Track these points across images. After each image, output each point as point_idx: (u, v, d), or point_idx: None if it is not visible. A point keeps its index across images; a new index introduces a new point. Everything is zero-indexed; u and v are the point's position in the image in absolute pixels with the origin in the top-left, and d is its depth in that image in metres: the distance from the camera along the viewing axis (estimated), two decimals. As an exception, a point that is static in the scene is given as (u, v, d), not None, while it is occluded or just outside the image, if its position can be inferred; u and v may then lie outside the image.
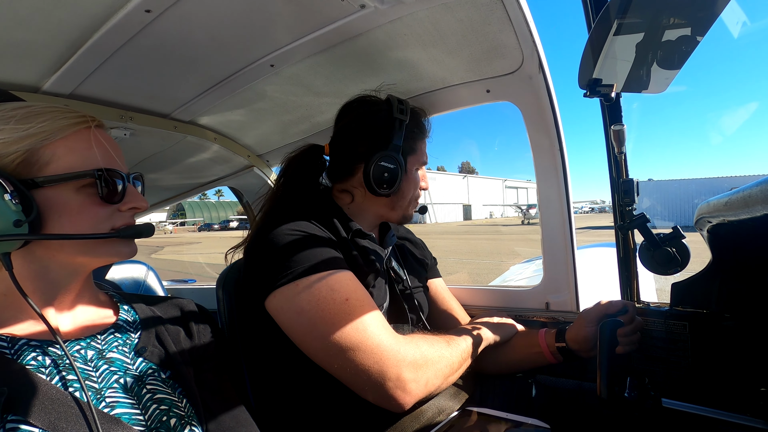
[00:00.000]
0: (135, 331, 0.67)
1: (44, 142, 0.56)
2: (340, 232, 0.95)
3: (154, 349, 0.65)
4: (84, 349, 0.59)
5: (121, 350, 0.63)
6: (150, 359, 0.64)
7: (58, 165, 0.56)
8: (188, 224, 56.48)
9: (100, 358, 0.60)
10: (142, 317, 0.69)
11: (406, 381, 0.76)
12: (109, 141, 0.63)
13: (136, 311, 0.70)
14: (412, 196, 1.07)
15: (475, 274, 9.35)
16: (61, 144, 0.57)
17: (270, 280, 0.83)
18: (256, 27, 0.96)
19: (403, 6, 0.90)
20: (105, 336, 0.63)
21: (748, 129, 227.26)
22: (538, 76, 1.08)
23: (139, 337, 0.66)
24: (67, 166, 0.57)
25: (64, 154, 0.57)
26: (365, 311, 0.80)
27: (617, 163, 1.00)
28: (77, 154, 0.58)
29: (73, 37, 0.90)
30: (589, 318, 0.97)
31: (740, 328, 0.88)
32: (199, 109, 1.37)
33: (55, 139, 0.57)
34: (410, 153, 1.04)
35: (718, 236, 0.79)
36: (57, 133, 0.57)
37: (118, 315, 0.68)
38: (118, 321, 0.66)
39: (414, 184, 1.06)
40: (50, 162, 0.56)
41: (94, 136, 0.60)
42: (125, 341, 0.64)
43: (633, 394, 0.79)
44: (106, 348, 0.61)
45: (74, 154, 0.58)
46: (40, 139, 0.55)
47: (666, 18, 0.74)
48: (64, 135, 0.57)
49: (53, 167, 0.56)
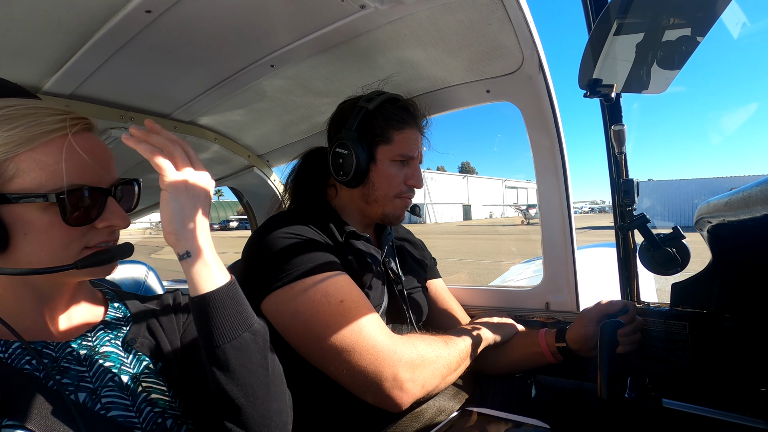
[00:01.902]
0: (126, 325, 0.67)
1: (8, 154, 0.50)
2: (336, 235, 0.96)
3: (144, 340, 0.65)
4: (76, 350, 0.59)
5: (114, 343, 0.63)
6: (140, 350, 0.63)
7: (22, 180, 0.51)
8: (188, 224, 56.31)
9: (93, 354, 0.59)
10: (134, 312, 0.69)
11: (403, 381, 0.76)
12: (95, 148, 0.56)
13: (127, 307, 0.70)
14: (389, 190, 1.02)
15: (474, 274, 9.35)
16: (28, 157, 0.51)
17: (265, 283, 0.83)
18: (256, 27, 0.96)
19: (403, 6, 0.90)
20: (95, 332, 0.62)
21: (748, 129, 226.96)
22: (538, 77, 1.08)
23: (129, 330, 0.66)
24: (32, 182, 0.51)
25: (30, 168, 0.51)
26: (361, 313, 0.80)
27: (617, 164, 1.00)
28: (46, 168, 0.51)
29: (73, 37, 0.90)
30: (589, 318, 0.97)
31: (740, 328, 0.88)
32: (199, 109, 1.37)
33: (22, 152, 0.51)
34: (382, 142, 1.00)
35: (718, 236, 0.79)
36: (25, 144, 0.51)
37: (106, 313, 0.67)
38: (106, 318, 0.66)
39: (388, 177, 1.01)
40: (15, 177, 0.50)
41: (69, 147, 0.53)
42: (116, 335, 0.64)
43: (633, 395, 0.79)
44: (97, 343, 0.61)
45: (42, 168, 0.51)
46: (3, 151, 0.50)
47: (666, 18, 0.74)
48: (32, 146, 0.51)
49: (18, 183, 0.51)
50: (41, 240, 0.53)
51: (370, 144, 1.00)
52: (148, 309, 0.70)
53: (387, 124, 1.00)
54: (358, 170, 0.98)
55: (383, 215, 1.04)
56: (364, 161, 0.98)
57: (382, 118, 1.00)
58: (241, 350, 0.54)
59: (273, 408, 0.57)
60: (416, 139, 1.04)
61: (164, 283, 1.93)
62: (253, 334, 0.56)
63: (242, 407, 0.54)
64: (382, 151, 1.00)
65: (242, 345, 0.54)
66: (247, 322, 0.56)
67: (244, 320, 0.55)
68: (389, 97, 1.03)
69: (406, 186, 1.03)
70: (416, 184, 1.05)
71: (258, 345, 0.56)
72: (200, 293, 0.53)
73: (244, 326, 0.55)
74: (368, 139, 1.00)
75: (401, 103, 1.04)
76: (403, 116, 1.02)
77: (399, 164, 1.02)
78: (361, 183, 1.01)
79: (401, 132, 1.01)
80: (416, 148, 1.04)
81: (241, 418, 0.55)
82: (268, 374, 0.57)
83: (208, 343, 0.53)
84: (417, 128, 1.06)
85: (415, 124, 1.05)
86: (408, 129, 1.02)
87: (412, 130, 1.03)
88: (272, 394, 0.57)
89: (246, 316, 0.56)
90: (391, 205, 1.03)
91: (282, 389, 0.60)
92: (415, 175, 1.04)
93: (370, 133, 1.00)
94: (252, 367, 0.55)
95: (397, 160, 1.01)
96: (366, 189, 1.02)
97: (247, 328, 0.55)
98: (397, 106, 1.03)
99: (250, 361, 0.55)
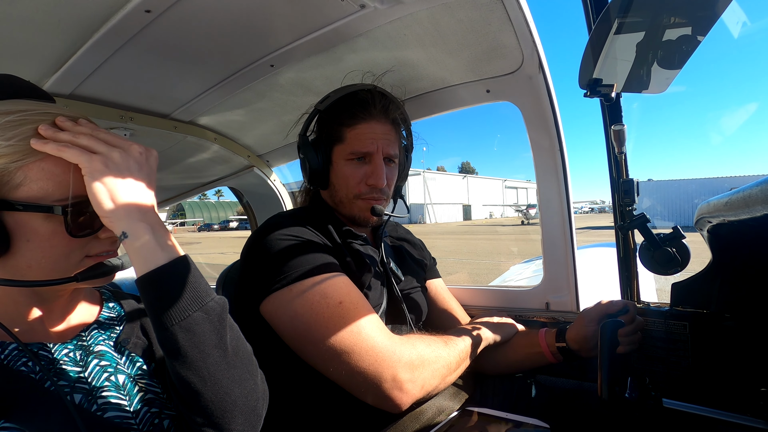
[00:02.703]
0: (119, 324, 0.67)
1: (18, 163, 0.50)
2: (334, 236, 0.95)
3: (138, 340, 0.65)
4: (72, 351, 0.59)
5: (108, 344, 0.63)
6: (133, 351, 0.63)
7: (29, 189, 0.51)
8: (188, 224, 56.48)
9: (88, 354, 0.59)
10: (128, 311, 0.69)
11: (402, 381, 0.76)
12: None
13: (122, 307, 0.69)
14: (348, 191, 0.98)
15: (474, 274, 9.35)
16: (36, 166, 0.51)
17: (264, 285, 0.83)
18: (256, 27, 0.96)
19: (403, 6, 0.90)
20: (89, 332, 0.63)
21: (748, 129, 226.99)
22: (538, 76, 1.08)
23: (122, 330, 0.65)
24: (39, 191, 0.51)
25: (37, 177, 0.51)
26: (360, 314, 0.80)
27: (617, 163, 1.00)
28: (52, 178, 0.52)
29: (73, 36, 0.90)
30: (589, 318, 0.97)
31: (740, 328, 0.88)
32: (199, 110, 1.37)
33: (30, 161, 0.51)
34: (336, 142, 0.98)
35: (718, 236, 0.79)
36: (35, 153, 0.51)
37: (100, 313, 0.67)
38: (99, 318, 0.66)
39: (344, 178, 0.97)
40: (21, 185, 0.51)
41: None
42: (109, 335, 0.64)
43: (634, 395, 0.79)
44: (92, 342, 0.61)
45: (49, 178, 0.52)
46: (12, 159, 0.50)
47: (667, 17, 0.74)
48: (40, 156, 0.51)
49: (24, 191, 0.51)
50: (44, 247, 0.53)
51: (325, 146, 0.99)
52: (143, 308, 0.70)
53: (338, 122, 0.98)
54: (315, 174, 0.98)
55: (351, 217, 1.02)
56: (318, 165, 0.98)
57: (333, 117, 0.98)
58: (192, 331, 0.50)
59: (235, 392, 0.53)
60: (373, 133, 0.97)
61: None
62: (205, 312, 0.51)
63: (199, 392, 0.50)
64: (336, 152, 0.99)
65: (192, 325, 0.50)
66: (199, 301, 0.51)
67: (194, 299, 0.51)
68: (345, 93, 0.99)
69: (366, 186, 0.98)
70: (375, 183, 0.96)
71: (213, 324, 0.52)
72: (141, 273, 0.50)
73: (195, 305, 0.51)
74: (323, 141, 0.99)
75: (360, 95, 0.98)
76: (355, 111, 0.97)
77: (355, 162, 0.97)
78: (325, 185, 1.01)
79: (353, 128, 0.97)
80: (372, 143, 0.96)
81: (200, 404, 0.51)
82: (227, 355, 0.52)
83: (156, 326, 0.50)
84: (376, 120, 0.98)
85: (372, 117, 0.97)
86: (360, 124, 0.97)
87: (367, 123, 0.97)
88: (234, 377, 0.53)
89: (198, 293, 0.52)
90: (356, 207, 1.00)
91: (249, 371, 0.56)
92: (375, 173, 0.96)
93: (323, 135, 0.99)
94: (206, 348, 0.51)
95: (352, 159, 0.97)
96: (331, 191, 1.02)
97: (199, 307, 0.51)
98: (352, 102, 0.97)
99: (203, 342, 0.50)
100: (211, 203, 69.54)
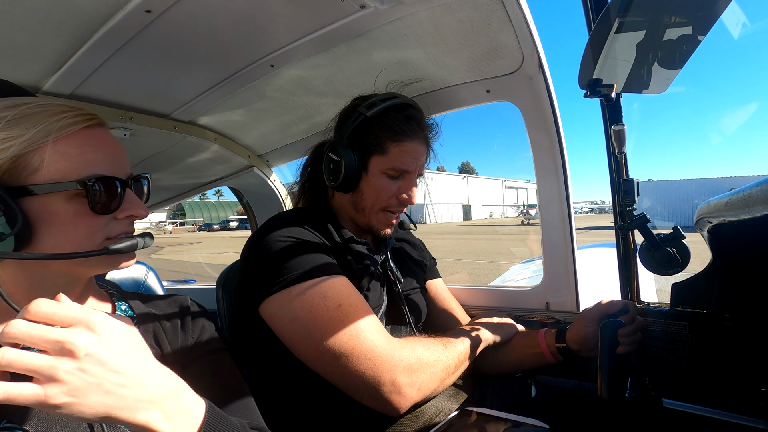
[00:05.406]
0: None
1: (33, 146, 0.50)
2: (333, 236, 0.95)
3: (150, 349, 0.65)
4: None
5: None
6: None
7: (47, 172, 0.51)
8: (188, 224, 56.49)
9: None
10: (138, 313, 0.68)
11: (401, 385, 0.76)
12: (110, 141, 0.58)
13: (131, 308, 0.69)
14: (376, 202, 0.98)
15: (474, 275, 9.35)
16: (53, 148, 0.52)
17: (263, 286, 0.83)
18: (256, 27, 0.95)
19: (403, 6, 0.90)
20: None
21: (748, 129, 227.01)
22: (538, 76, 1.08)
23: None
24: (57, 173, 0.52)
25: (54, 159, 0.52)
26: (359, 316, 0.80)
27: (617, 164, 0.99)
28: (69, 159, 0.52)
29: (73, 37, 0.90)
30: (589, 318, 0.97)
31: (740, 328, 0.88)
32: (199, 109, 1.37)
33: (47, 143, 0.51)
34: (377, 152, 0.96)
35: (718, 236, 0.79)
36: (49, 135, 0.51)
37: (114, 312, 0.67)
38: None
39: (377, 189, 0.97)
40: (39, 168, 0.51)
41: (93, 137, 0.55)
42: None
43: (634, 395, 0.79)
44: None
45: (66, 159, 0.52)
46: (28, 144, 0.50)
47: (667, 16, 0.74)
48: (56, 137, 0.52)
49: (42, 174, 0.51)
50: (67, 231, 0.53)
51: (363, 152, 0.96)
52: (152, 313, 0.70)
53: (384, 134, 0.95)
54: (347, 178, 0.95)
55: (368, 226, 1.01)
56: (353, 170, 0.95)
57: (380, 128, 0.95)
58: None
59: None
60: (415, 153, 0.97)
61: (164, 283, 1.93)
62: None
63: None
64: (375, 162, 0.96)
65: None
66: None
67: None
68: (396, 103, 0.97)
69: (396, 200, 0.98)
70: (408, 200, 0.98)
71: None
72: None
73: None
74: (362, 147, 0.96)
75: (409, 111, 0.98)
76: (404, 127, 0.95)
77: (391, 176, 0.97)
78: (351, 190, 0.99)
79: (399, 144, 0.95)
80: (414, 162, 0.97)
81: None
82: None
83: None
84: (419, 141, 0.98)
85: (417, 137, 0.97)
86: (408, 142, 0.95)
87: (413, 143, 0.96)
88: None
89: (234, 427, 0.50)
90: (375, 218, 1.00)
91: None
92: (409, 190, 0.98)
93: (364, 142, 0.96)
94: None
95: (390, 174, 0.97)
96: (356, 196, 1.00)
97: None
98: (402, 116, 0.96)
99: None
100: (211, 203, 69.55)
